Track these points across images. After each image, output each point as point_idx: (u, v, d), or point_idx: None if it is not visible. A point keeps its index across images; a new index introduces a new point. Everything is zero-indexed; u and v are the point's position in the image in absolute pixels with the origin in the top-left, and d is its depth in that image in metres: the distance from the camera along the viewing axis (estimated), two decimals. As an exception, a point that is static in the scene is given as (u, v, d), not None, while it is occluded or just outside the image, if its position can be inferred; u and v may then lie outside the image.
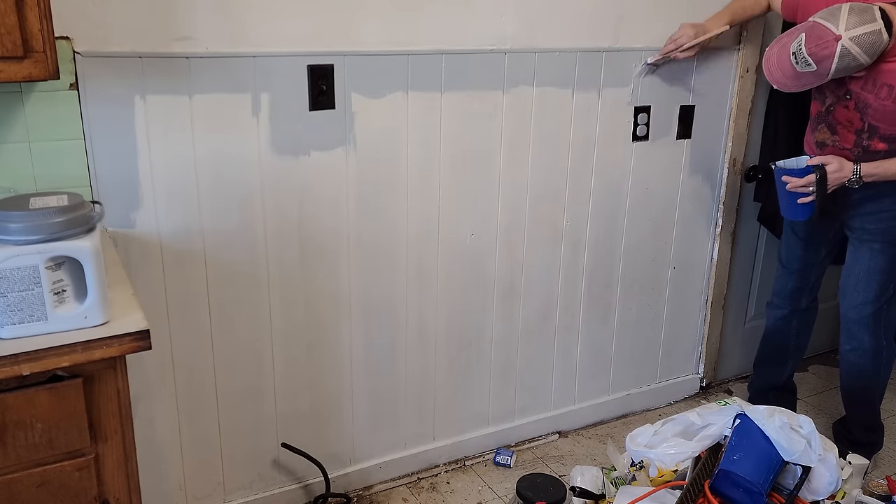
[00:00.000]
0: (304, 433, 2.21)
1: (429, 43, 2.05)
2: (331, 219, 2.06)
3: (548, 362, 2.60)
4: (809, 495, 1.65)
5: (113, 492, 1.40)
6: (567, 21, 2.24)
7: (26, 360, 1.23)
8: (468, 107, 2.16)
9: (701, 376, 2.98)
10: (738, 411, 1.72)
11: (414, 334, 2.30)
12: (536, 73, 2.23)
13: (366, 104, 2.01)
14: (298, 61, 1.90)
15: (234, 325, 2.02)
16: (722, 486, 1.62)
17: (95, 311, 1.30)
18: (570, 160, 2.39)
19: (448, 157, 2.18)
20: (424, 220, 2.20)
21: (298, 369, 2.15)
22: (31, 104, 1.63)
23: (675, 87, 2.50)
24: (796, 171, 2.20)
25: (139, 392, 1.92)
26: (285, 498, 2.24)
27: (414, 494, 2.37)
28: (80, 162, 1.71)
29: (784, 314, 2.57)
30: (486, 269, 2.36)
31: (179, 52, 1.76)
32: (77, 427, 1.32)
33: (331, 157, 2.01)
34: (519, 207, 2.34)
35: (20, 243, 1.24)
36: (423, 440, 2.45)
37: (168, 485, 2.06)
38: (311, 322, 2.12)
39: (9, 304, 1.24)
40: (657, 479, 1.88)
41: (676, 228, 2.69)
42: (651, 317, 2.77)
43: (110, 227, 1.79)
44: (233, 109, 1.86)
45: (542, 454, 2.59)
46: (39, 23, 1.33)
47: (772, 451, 1.63)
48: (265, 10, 1.82)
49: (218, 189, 1.89)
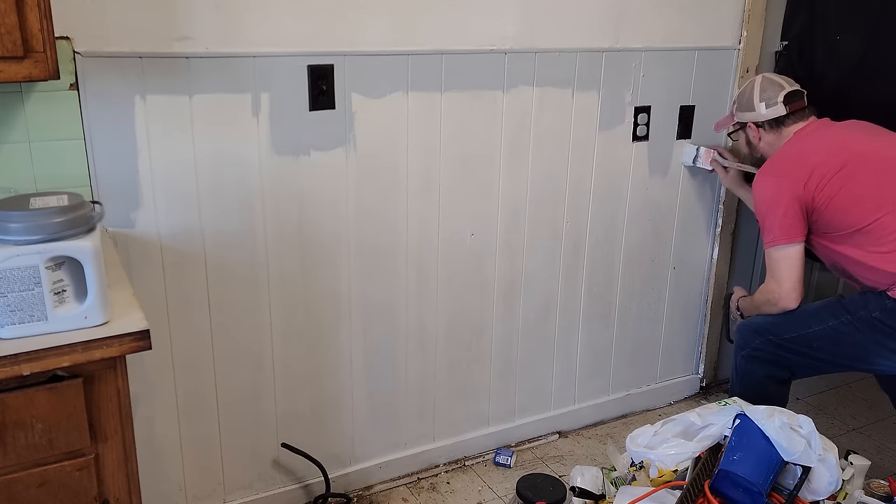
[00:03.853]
0: (304, 433, 2.21)
1: (429, 43, 2.05)
2: (330, 218, 2.06)
3: (548, 362, 2.60)
4: (809, 495, 1.65)
5: (113, 492, 1.40)
6: (567, 21, 2.24)
7: (26, 360, 1.23)
8: (468, 107, 2.16)
9: (701, 376, 2.98)
10: (738, 411, 1.72)
11: (414, 334, 2.30)
12: (536, 73, 2.23)
13: (366, 104, 2.01)
14: (298, 61, 1.90)
15: (234, 324, 2.02)
16: (722, 486, 1.62)
17: (95, 311, 1.29)
18: (570, 160, 2.39)
19: (448, 157, 2.18)
20: (424, 220, 2.20)
21: (298, 369, 2.15)
22: (31, 104, 1.63)
23: (675, 87, 2.50)
24: None
25: (139, 392, 1.92)
26: (285, 498, 2.24)
27: (414, 494, 2.37)
28: (80, 162, 1.71)
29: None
30: (486, 269, 2.36)
31: (179, 52, 1.76)
32: (77, 427, 1.32)
33: (331, 157, 2.01)
34: (519, 208, 2.34)
35: (20, 243, 1.24)
36: (423, 440, 2.45)
37: (168, 485, 2.06)
38: (311, 321, 2.12)
39: (9, 304, 1.24)
40: (657, 479, 1.88)
41: (676, 228, 2.69)
42: (651, 317, 2.77)
43: (110, 227, 1.79)
44: (233, 109, 1.86)
45: (542, 454, 2.59)
46: (39, 23, 1.33)
47: (772, 451, 1.63)
48: (265, 10, 1.82)
49: (218, 189, 1.89)
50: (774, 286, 2.11)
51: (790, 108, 2.15)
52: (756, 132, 2.23)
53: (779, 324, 2.16)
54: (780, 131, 2.18)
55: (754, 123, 2.22)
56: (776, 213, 2.05)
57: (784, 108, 2.15)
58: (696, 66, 2.51)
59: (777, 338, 2.16)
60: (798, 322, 2.12)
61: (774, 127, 2.19)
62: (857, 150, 2.04)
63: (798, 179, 2.03)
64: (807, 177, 2.02)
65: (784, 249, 2.06)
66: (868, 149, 2.06)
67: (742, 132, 2.30)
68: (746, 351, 2.24)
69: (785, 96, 2.15)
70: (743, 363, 2.25)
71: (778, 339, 2.15)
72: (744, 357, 2.25)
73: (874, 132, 2.13)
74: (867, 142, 2.09)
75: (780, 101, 2.15)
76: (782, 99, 2.15)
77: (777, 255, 2.08)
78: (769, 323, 2.18)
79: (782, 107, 2.15)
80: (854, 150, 2.04)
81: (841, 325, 2.06)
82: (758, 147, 2.25)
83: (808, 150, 2.09)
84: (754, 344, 2.21)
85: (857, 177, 2.00)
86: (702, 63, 2.52)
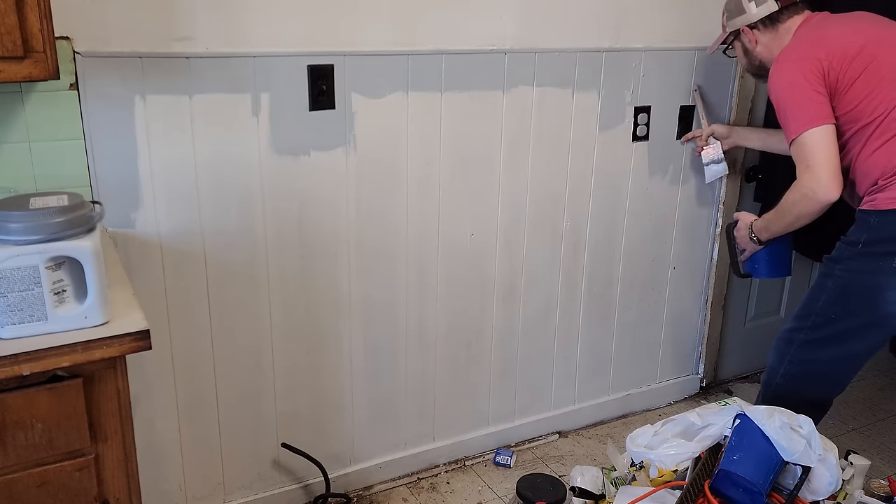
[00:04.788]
0: (303, 433, 2.21)
1: (429, 43, 2.05)
2: (330, 219, 2.06)
3: (548, 362, 2.60)
4: (809, 495, 1.65)
5: (113, 492, 1.40)
6: (567, 21, 2.24)
7: (26, 360, 1.23)
8: (468, 107, 2.16)
9: (701, 376, 2.98)
10: (738, 411, 1.72)
11: (414, 334, 2.30)
12: (536, 73, 2.23)
13: (366, 104, 2.01)
14: (298, 61, 1.90)
15: (234, 324, 2.02)
16: (722, 487, 1.62)
17: (95, 311, 1.29)
18: (570, 160, 2.39)
19: (448, 157, 2.18)
20: (424, 220, 2.20)
21: (298, 369, 2.15)
22: (31, 104, 1.63)
23: (675, 87, 2.51)
24: None
25: (139, 392, 1.92)
26: (285, 498, 2.24)
27: (414, 494, 2.37)
28: (80, 162, 1.71)
29: None
30: (487, 269, 2.36)
31: (179, 52, 1.76)
32: (77, 427, 1.32)
33: (331, 158, 2.01)
34: (519, 207, 2.34)
35: (20, 243, 1.24)
36: (423, 440, 2.45)
37: (168, 485, 2.06)
38: (310, 321, 2.12)
39: (9, 304, 1.24)
40: (657, 479, 1.88)
41: (676, 228, 2.69)
42: (651, 317, 2.77)
43: (110, 227, 1.79)
44: (233, 109, 1.86)
45: (542, 454, 2.59)
46: (39, 23, 1.33)
47: (772, 451, 1.63)
48: (265, 9, 1.82)
49: (218, 189, 1.89)
50: (810, 177, 1.88)
51: (782, 2, 2.06)
52: (751, 35, 2.11)
53: (798, 317, 2.06)
54: (777, 28, 2.08)
55: (748, 27, 2.11)
56: (802, 94, 1.89)
57: (775, 3, 2.06)
58: (696, 66, 2.51)
59: (804, 332, 2.03)
60: (809, 304, 2.03)
61: (769, 25, 2.08)
62: (874, 34, 1.94)
63: (820, 59, 1.90)
64: (829, 57, 1.89)
65: (817, 132, 1.87)
66: (885, 34, 1.95)
67: (737, 42, 2.19)
68: (784, 367, 2.08)
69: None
70: (783, 382, 2.09)
71: (806, 335, 2.03)
72: (783, 376, 2.09)
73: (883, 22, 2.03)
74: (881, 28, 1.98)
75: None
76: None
77: (810, 139, 1.87)
78: (794, 318, 2.08)
79: (773, 2, 2.06)
80: (871, 34, 1.94)
81: (837, 279, 1.96)
82: (755, 52, 2.14)
83: (823, 36, 1.97)
84: (791, 356, 2.07)
85: (879, 60, 1.89)
86: (702, 63, 2.52)
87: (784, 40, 2.06)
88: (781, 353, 2.11)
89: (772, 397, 2.11)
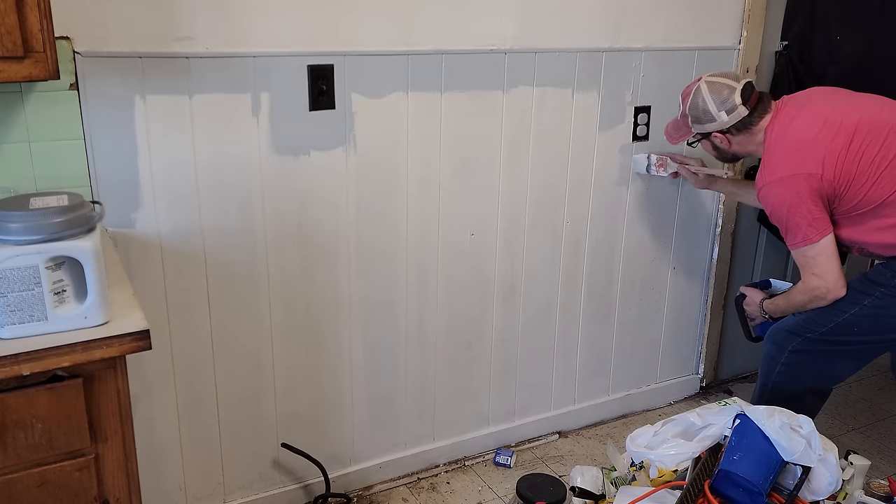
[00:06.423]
0: (303, 433, 2.21)
1: (429, 43, 2.05)
2: (330, 219, 2.06)
3: (548, 362, 2.60)
4: (809, 495, 1.65)
5: (113, 492, 1.40)
6: (567, 21, 2.24)
7: (26, 360, 1.23)
8: (468, 107, 2.16)
9: (701, 376, 2.98)
10: (738, 411, 1.72)
11: (414, 334, 2.30)
12: (536, 73, 2.23)
13: (366, 104, 2.01)
14: (298, 61, 1.90)
15: (234, 324, 2.02)
16: (722, 487, 1.62)
17: (95, 311, 1.29)
18: (570, 160, 2.39)
19: (448, 157, 2.18)
20: (424, 220, 2.20)
21: (298, 369, 2.15)
22: (31, 104, 1.63)
23: (675, 88, 2.49)
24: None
25: (139, 392, 1.92)
26: (285, 498, 2.24)
27: (414, 494, 2.37)
28: (80, 162, 1.71)
29: None
30: (487, 269, 2.36)
31: (179, 52, 1.76)
32: (77, 427, 1.32)
33: (331, 158, 2.01)
34: (519, 207, 2.34)
35: (20, 243, 1.24)
36: (423, 440, 2.45)
37: (168, 485, 2.06)
38: (311, 321, 2.12)
39: (9, 304, 1.24)
40: (657, 479, 1.88)
41: (676, 228, 2.69)
42: (651, 317, 2.77)
43: (110, 227, 1.79)
44: (233, 109, 1.86)
45: (542, 454, 2.59)
46: (39, 23, 1.33)
47: (772, 451, 1.63)
48: (265, 9, 1.82)
49: (218, 189, 1.89)
50: (819, 282, 2.01)
51: (750, 104, 2.06)
52: (723, 138, 2.12)
53: (813, 318, 2.08)
54: (750, 129, 2.09)
55: (719, 132, 2.12)
56: (800, 212, 1.96)
57: (745, 108, 2.05)
58: (696, 66, 2.51)
59: (815, 333, 2.07)
60: (833, 311, 2.04)
61: (742, 129, 2.09)
62: (849, 123, 1.96)
63: (812, 175, 1.94)
64: (820, 168, 1.93)
65: (819, 245, 1.97)
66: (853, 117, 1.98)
67: (706, 140, 2.20)
68: (785, 356, 2.14)
69: (741, 95, 2.05)
70: (784, 370, 2.15)
71: (816, 335, 2.07)
72: (784, 364, 2.15)
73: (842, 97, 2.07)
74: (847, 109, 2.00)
75: (738, 102, 2.05)
76: (739, 100, 2.05)
77: (812, 252, 1.99)
78: (803, 320, 2.10)
79: (743, 108, 2.05)
80: (847, 124, 1.96)
81: (876, 299, 2.00)
82: (728, 150, 2.17)
83: (803, 141, 1.99)
84: (792, 346, 2.12)
85: (868, 149, 1.93)
86: (702, 63, 2.51)
87: (758, 138, 2.09)
88: (781, 344, 2.15)
89: (772, 386, 2.17)
